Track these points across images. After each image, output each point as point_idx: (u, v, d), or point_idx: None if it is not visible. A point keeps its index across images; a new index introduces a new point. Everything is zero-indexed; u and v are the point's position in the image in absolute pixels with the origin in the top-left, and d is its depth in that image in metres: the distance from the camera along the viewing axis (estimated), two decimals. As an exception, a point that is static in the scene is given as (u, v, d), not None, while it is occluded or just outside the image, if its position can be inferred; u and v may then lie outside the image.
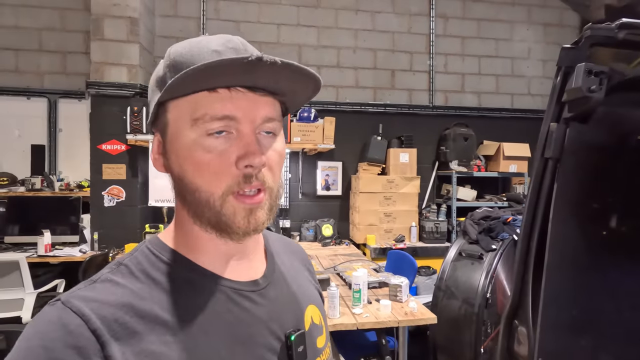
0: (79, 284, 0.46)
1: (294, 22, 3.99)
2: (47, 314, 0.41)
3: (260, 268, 0.55)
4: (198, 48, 0.45)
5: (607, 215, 0.90)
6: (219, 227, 0.46)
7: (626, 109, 0.88)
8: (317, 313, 0.59)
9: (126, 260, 0.48)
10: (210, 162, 0.44)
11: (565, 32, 4.54)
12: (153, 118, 0.48)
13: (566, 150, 0.90)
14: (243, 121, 0.44)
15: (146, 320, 0.42)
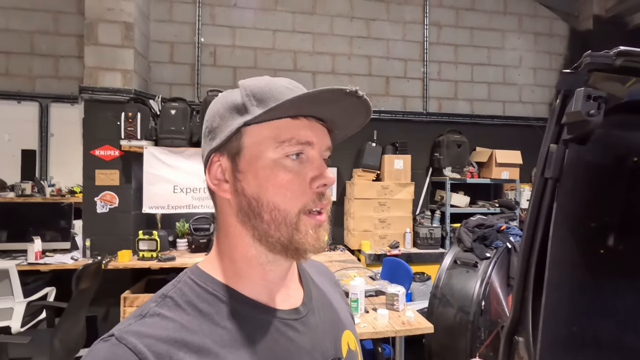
0: (126, 318, 0.46)
1: (290, 29, 4.01)
2: (102, 350, 0.42)
3: (299, 295, 0.56)
4: (272, 83, 0.51)
5: (605, 235, 0.92)
6: (289, 246, 0.48)
7: (623, 131, 0.91)
8: (352, 339, 0.60)
9: (170, 292, 0.48)
10: (290, 182, 0.48)
11: (554, 41, 4.63)
12: (224, 143, 0.50)
13: (565, 171, 0.92)
14: (316, 147, 0.50)
15: (199, 355, 0.43)
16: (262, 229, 0.48)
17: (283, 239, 0.48)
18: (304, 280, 0.59)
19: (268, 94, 0.49)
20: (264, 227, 0.48)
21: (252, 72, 3.91)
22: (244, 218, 0.49)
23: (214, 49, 3.89)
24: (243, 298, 0.50)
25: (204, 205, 3.28)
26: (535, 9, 4.56)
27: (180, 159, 3.19)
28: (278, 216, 0.47)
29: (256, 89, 0.50)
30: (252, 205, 0.48)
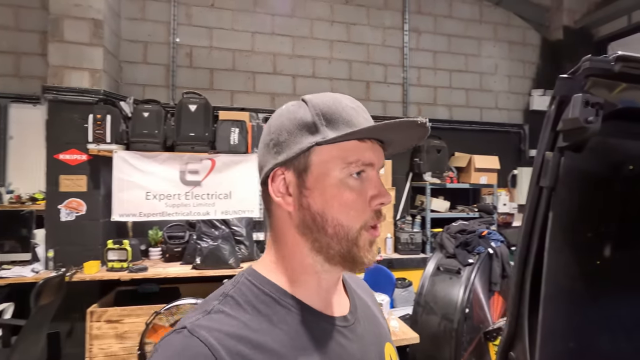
0: (192, 312, 0.49)
1: (269, 31, 3.93)
2: (175, 341, 0.45)
3: (345, 304, 0.59)
4: (339, 102, 0.54)
5: (601, 245, 0.89)
6: (347, 258, 0.51)
7: (617, 139, 0.89)
8: (393, 351, 0.63)
9: (231, 291, 0.51)
10: (354, 200, 0.51)
11: (527, 50, 4.78)
12: (292, 158, 0.52)
13: (561, 179, 0.89)
14: (376, 167, 0.54)
15: (262, 352, 0.46)
16: (324, 242, 0.51)
17: (343, 252, 0.51)
18: (348, 290, 0.62)
19: (337, 114, 0.52)
20: (326, 240, 0.51)
21: (230, 74, 3.80)
22: (306, 230, 0.52)
23: (190, 50, 3.75)
24: (298, 302, 0.52)
25: (178, 213, 3.13)
26: (509, 19, 4.69)
27: (154, 163, 3.03)
28: (341, 231, 0.50)
29: (325, 107, 0.52)
30: (317, 220, 0.51)
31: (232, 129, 3.17)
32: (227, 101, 3.79)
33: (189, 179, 3.11)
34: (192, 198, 3.12)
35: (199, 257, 3.12)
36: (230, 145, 3.17)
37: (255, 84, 3.88)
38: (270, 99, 3.91)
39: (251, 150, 3.23)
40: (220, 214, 3.17)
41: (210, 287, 3.49)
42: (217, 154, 3.15)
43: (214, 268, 3.11)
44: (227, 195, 3.18)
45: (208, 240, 3.17)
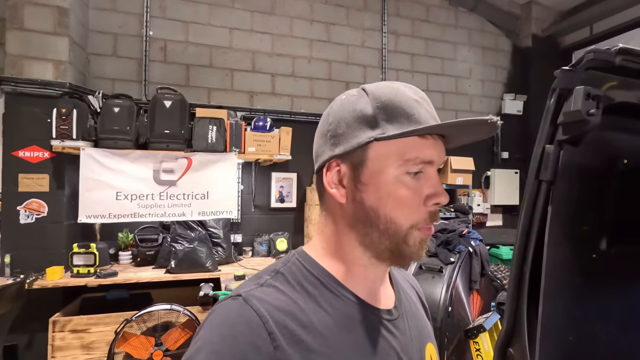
0: (245, 281, 0.51)
1: (248, 28, 3.84)
2: (231, 306, 0.46)
3: (391, 297, 0.59)
4: (401, 94, 0.51)
5: (597, 238, 0.89)
6: (396, 254, 0.51)
7: (613, 133, 0.90)
8: (434, 352, 0.63)
9: (282, 269, 0.52)
10: (408, 199, 0.50)
11: (500, 56, 4.96)
12: (349, 151, 0.51)
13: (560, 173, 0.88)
14: (435, 165, 0.52)
15: (308, 331, 0.46)
16: (375, 237, 0.51)
17: (392, 248, 0.50)
18: (395, 284, 0.62)
19: (398, 108, 0.50)
20: (376, 236, 0.50)
21: (207, 70, 3.68)
22: (357, 224, 0.52)
23: (164, 44, 3.59)
24: (345, 289, 0.52)
25: (152, 214, 2.97)
26: (483, 25, 4.85)
27: (125, 162, 2.86)
28: (392, 228, 0.50)
29: (387, 100, 0.50)
30: (369, 215, 0.50)
31: (210, 126, 3.06)
32: (204, 98, 3.66)
33: (164, 179, 2.96)
34: (166, 198, 2.97)
35: (173, 260, 2.98)
36: (208, 143, 3.05)
37: (234, 82, 3.77)
38: (248, 97, 3.82)
39: (229, 149, 3.12)
40: (197, 215, 3.04)
41: (185, 291, 3.33)
42: (194, 153, 3.03)
43: (190, 271, 2.98)
44: (204, 195, 3.06)
45: (183, 243, 3.04)
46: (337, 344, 0.48)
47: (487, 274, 3.04)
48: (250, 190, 3.76)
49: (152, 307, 2.71)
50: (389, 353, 0.52)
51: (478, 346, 2.25)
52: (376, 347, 0.51)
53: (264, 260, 3.52)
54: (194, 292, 3.21)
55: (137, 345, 2.51)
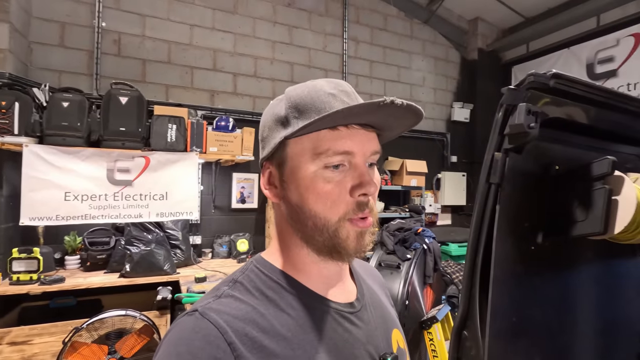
0: (203, 297, 0.51)
1: (209, 25, 3.77)
2: (188, 322, 0.46)
3: (352, 291, 0.60)
4: (315, 91, 0.51)
5: (534, 233, 1.04)
6: (332, 249, 0.51)
7: (547, 144, 1.05)
8: (401, 338, 0.65)
9: (240, 278, 0.52)
10: (329, 192, 0.49)
11: (450, 66, 5.33)
12: (272, 153, 0.53)
13: (506, 177, 1.01)
14: (357, 155, 0.51)
15: (269, 336, 0.46)
16: (308, 234, 0.51)
17: (327, 243, 0.50)
18: (356, 277, 0.63)
19: (310, 104, 0.50)
20: (308, 232, 0.51)
21: (165, 67, 3.55)
22: (292, 222, 0.53)
23: (118, 37, 3.41)
24: (304, 289, 0.53)
25: (105, 215, 2.81)
26: (435, 37, 5.18)
27: (75, 160, 2.68)
28: (319, 223, 0.50)
29: (298, 99, 0.51)
30: (297, 212, 0.51)
31: (170, 125, 2.96)
32: (162, 95, 3.53)
33: (119, 178, 2.82)
34: (122, 199, 2.83)
35: (128, 263, 2.85)
36: (167, 142, 2.95)
37: (194, 80, 3.68)
38: (209, 96, 3.75)
39: (190, 149, 3.05)
40: (155, 217, 2.93)
41: (141, 296, 3.23)
42: (152, 152, 2.91)
43: (147, 275, 2.87)
44: (163, 196, 2.96)
45: (139, 245, 2.91)
46: (301, 344, 0.48)
47: (439, 270, 3.27)
48: (210, 190, 3.69)
49: (104, 313, 2.57)
50: (354, 345, 0.53)
51: (431, 336, 2.43)
52: (341, 341, 0.51)
53: (224, 262, 3.48)
54: (150, 297, 3.10)
55: (89, 354, 2.37)
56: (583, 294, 1.07)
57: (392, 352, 0.57)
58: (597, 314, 1.09)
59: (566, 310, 1.05)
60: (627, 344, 1.15)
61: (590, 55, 4.34)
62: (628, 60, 3.99)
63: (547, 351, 1.02)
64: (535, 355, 0.99)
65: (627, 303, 1.12)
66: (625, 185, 0.85)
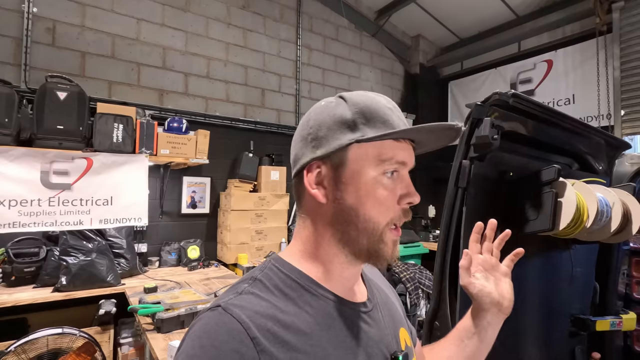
0: (224, 293, 0.52)
1: (158, 21, 3.58)
2: (211, 317, 0.47)
3: (363, 291, 0.62)
4: (376, 102, 0.55)
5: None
6: (374, 253, 0.53)
7: (504, 153, 1.21)
8: (407, 336, 0.66)
9: (259, 275, 0.53)
10: (385, 198, 0.53)
11: (394, 78, 5.68)
12: (330, 153, 0.54)
13: (471, 182, 1.15)
14: (408, 166, 0.56)
15: (291, 331, 0.48)
16: (353, 235, 0.53)
17: (369, 247, 0.53)
18: (365, 278, 0.65)
19: (375, 113, 0.54)
20: (355, 234, 0.53)
21: (108, 61, 3.29)
22: (336, 223, 0.54)
23: (52, 25, 3.09)
24: (322, 288, 0.54)
25: (38, 223, 2.51)
26: (382, 50, 5.49)
27: (3, 160, 2.35)
28: (369, 227, 0.53)
29: (364, 106, 0.54)
30: (349, 214, 0.53)
31: (116, 124, 2.75)
32: (104, 92, 3.26)
33: (55, 182, 2.53)
34: (58, 204, 2.55)
35: (65, 276, 2.58)
36: (113, 142, 2.74)
37: (141, 77, 3.46)
38: (158, 95, 3.55)
39: (139, 150, 2.86)
40: (98, 223, 2.69)
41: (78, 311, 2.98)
42: (96, 153, 2.67)
43: (87, 288, 2.62)
44: (108, 201, 2.72)
45: (78, 255, 2.65)
46: (320, 341, 0.49)
47: (390, 269, 3.46)
48: (158, 195, 3.48)
49: (36, 333, 2.29)
50: (368, 343, 0.54)
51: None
52: (356, 339, 0.53)
53: (173, 270, 3.30)
54: (90, 312, 2.83)
55: (18, 381, 2.10)
56: (530, 283, 1.25)
57: (402, 350, 0.59)
58: (540, 300, 1.27)
59: (517, 297, 1.21)
60: (562, 324, 1.35)
61: (513, 76, 4.95)
62: (543, 82, 4.62)
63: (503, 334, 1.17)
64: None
65: (562, 289, 1.32)
66: (567, 189, 1.02)
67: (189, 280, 2.93)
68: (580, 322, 1.34)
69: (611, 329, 1.35)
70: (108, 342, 2.68)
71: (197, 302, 2.06)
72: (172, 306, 1.96)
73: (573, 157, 1.38)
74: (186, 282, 2.86)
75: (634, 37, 3.52)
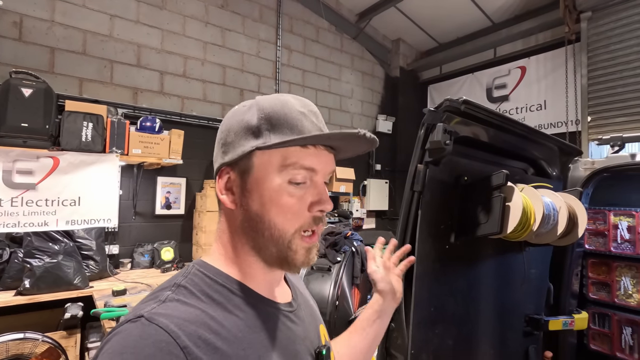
0: (143, 302, 0.48)
1: (133, 18, 3.51)
2: (133, 329, 0.43)
3: (287, 292, 0.64)
4: (288, 107, 0.53)
5: (449, 234, 1.22)
6: (283, 260, 0.53)
7: (458, 158, 1.24)
8: (325, 332, 0.69)
9: (183, 282, 0.51)
10: (291, 205, 0.52)
11: (375, 81, 5.73)
12: (236, 159, 0.53)
13: (426, 185, 1.17)
14: (319, 174, 0.54)
15: (221, 337, 0.47)
16: (262, 243, 0.53)
17: (278, 254, 0.53)
18: (287, 279, 0.68)
19: (282, 119, 0.52)
20: (263, 242, 0.53)
21: (79, 58, 3.20)
22: (246, 230, 0.54)
23: (19, 19, 2.99)
24: (250, 291, 0.54)
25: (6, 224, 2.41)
26: (363, 53, 5.54)
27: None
28: (275, 234, 0.52)
29: (272, 112, 0.53)
30: (255, 221, 0.53)
31: (85, 123, 2.68)
32: (74, 89, 3.17)
33: (18, 181, 2.45)
34: (21, 205, 2.46)
35: (28, 279, 2.49)
36: (82, 142, 2.66)
37: (114, 75, 3.38)
38: (132, 94, 3.47)
39: (109, 150, 2.79)
40: (65, 224, 2.61)
41: (42, 315, 2.89)
42: (63, 152, 2.60)
43: (52, 291, 2.54)
44: (75, 201, 2.65)
45: (43, 257, 2.57)
46: (252, 344, 0.49)
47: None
48: (131, 195, 3.41)
49: (-5, 338, 2.20)
50: (295, 341, 0.56)
51: (359, 333, 2.58)
52: (285, 339, 0.54)
53: (146, 272, 3.24)
54: (55, 316, 2.74)
55: (-26, 388, 2.02)
56: (484, 284, 1.28)
57: (324, 345, 0.62)
58: (495, 300, 1.31)
59: (472, 298, 1.24)
60: (517, 324, 1.39)
61: (489, 81, 5.08)
62: (517, 87, 4.76)
63: (458, 334, 1.20)
64: (448, 338, 1.16)
65: (516, 290, 1.37)
66: (515, 193, 1.05)
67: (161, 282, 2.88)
68: (534, 322, 1.39)
69: (563, 328, 1.40)
70: (74, 347, 2.60)
71: (164, 305, 2.03)
72: (137, 309, 1.93)
73: (528, 162, 1.43)
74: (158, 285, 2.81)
75: (600, 46, 3.66)
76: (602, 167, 1.46)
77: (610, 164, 1.45)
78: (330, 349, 0.63)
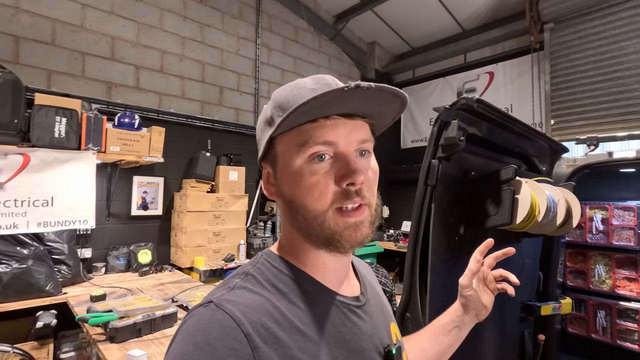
0: (216, 289, 0.50)
1: (106, 9, 3.33)
2: (204, 313, 0.45)
3: (356, 285, 0.62)
4: (297, 89, 0.52)
5: (459, 225, 1.27)
6: (328, 241, 0.50)
7: (467, 154, 1.30)
8: (397, 330, 0.66)
9: (251, 270, 0.52)
10: (315, 183, 0.50)
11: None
12: (264, 153, 0.55)
13: (439, 180, 1.22)
14: (341, 145, 0.50)
15: (283, 327, 0.46)
16: (302, 227, 0.52)
17: (319, 235, 0.51)
18: (358, 273, 0.65)
19: (291, 102, 0.50)
20: (301, 225, 0.52)
21: (47, 48, 2.99)
22: (290, 217, 0.54)
23: (-21, 4, 2.74)
24: (314, 282, 0.54)
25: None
26: (340, 54, 5.61)
27: None
28: (308, 216, 0.50)
29: (281, 99, 0.52)
30: (290, 207, 0.53)
31: (58, 117, 2.50)
32: (42, 82, 2.95)
33: (-17, 180, 2.24)
34: (-13, 206, 2.26)
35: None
36: (54, 138, 2.48)
37: (86, 68, 3.19)
38: (106, 88, 3.29)
39: (85, 146, 2.62)
40: (37, 227, 2.42)
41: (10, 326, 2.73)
42: (34, 148, 2.41)
43: (22, 299, 2.36)
44: (48, 202, 2.46)
45: (10, 263, 2.37)
46: (312, 337, 0.48)
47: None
48: (105, 196, 3.23)
49: (-42, 353, 2.01)
50: (362, 337, 0.54)
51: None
52: (349, 334, 0.52)
53: (122, 276, 3.07)
54: (25, 325, 2.54)
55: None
56: (488, 274, 1.35)
57: (395, 344, 0.59)
58: (496, 289, 1.39)
59: (478, 287, 1.31)
60: (514, 311, 1.49)
61: (460, 85, 5.32)
62: (485, 92, 5.03)
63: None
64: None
65: (514, 278, 1.45)
66: (523, 187, 1.13)
67: (141, 286, 2.76)
68: (528, 308, 1.48)
69: (553, 312, 1.51)
70: (47, 358, 2.42)
71: (154, 308, 1.95)
72: (126, 314, 1.83)
73: (522, 158, 1.53)
74: (138, 289, 2.68)
75: (562, 55, 3.97)
76: (583, 164, 1.59)
77: (591, 161, 1.58)
78: (402, 349, 0.60)
